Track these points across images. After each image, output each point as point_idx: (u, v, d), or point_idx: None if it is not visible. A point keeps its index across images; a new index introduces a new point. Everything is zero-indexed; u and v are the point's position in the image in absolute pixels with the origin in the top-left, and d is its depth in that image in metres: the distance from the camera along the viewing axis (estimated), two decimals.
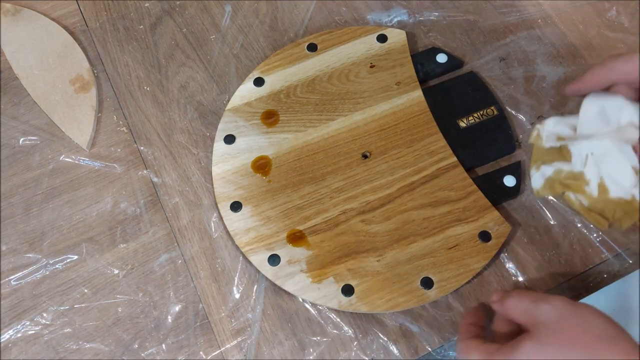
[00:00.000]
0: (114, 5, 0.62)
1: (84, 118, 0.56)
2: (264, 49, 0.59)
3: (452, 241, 0.49)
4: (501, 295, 0.42)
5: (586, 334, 0.36)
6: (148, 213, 0.52)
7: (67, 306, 0.49)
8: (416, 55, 0.57)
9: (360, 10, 0.61)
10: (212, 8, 0.62)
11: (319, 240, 0.49)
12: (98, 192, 0.53)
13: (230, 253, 0.50)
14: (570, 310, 0.37)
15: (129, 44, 0.60)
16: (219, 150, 0.53)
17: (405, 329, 0.47)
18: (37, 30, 0.60)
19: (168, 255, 0.51)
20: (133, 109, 0.57)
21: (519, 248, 0.50)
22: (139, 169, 0.54)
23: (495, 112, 0.54)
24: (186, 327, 0.48)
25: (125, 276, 0.50)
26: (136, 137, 0.55)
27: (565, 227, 0.50)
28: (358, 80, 0.56)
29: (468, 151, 0.53)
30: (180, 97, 0.57)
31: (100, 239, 0.51)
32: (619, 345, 0.35)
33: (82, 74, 0.58)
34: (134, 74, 0.58)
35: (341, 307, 0.47)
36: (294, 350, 0.47)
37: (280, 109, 0.55)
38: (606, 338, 0.36)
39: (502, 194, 0.51)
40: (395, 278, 0.48)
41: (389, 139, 0.53)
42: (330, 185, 0.51)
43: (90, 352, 0.47)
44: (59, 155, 0.55)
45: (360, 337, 0.47)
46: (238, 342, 0.47)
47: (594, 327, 0.36)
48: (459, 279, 0.47)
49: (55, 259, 0.50)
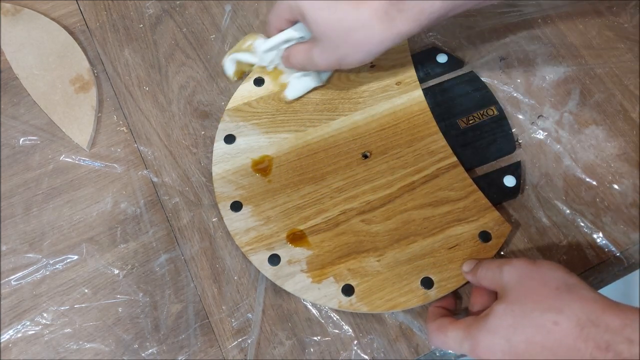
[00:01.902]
0: (114, 5, 0.62)
1: (84, 118, 0.56)
2: None
3: (453, 241, 0.49)
4: (472, 266, 0.45)
5: (546, 287, 0.38)
6: (148, 213, 0.52)
7: (67, 306, 0.49)
8: (416, 55, 0.57)
9: None
10: (212, 8, 0.62)
11: (319, 240, 0.49)
12: (98, 192, 0.53)
13: (230, 253, 0.50)
14: (529, 268, 0.40)
15: (129, 44, 0.60)
16: (219, 150, 0.53)
17: (405, 328, 0.47)
18: (37, 30, 0.60)
19: (168, 255, 0.51)
20: (133, 109, 0.57)
21: (519, 248, 0.50)
22: (139, 169, 0.54)
23: (495, 112, 0.54)
24: (186, 327, 0.48)
25: (126, 276, 0.50)
26: (136, 137, 0.56)
27: (565, 227, 0.50)
28: (358, 80, 0.56)
29: (468, 151, 0.53)
30: (180, 97, 0.57)
31: (101, 239, 0.51)
32: (577, 293, 0.37)
33: (82, 74, 0.58)
34: (134, 74, 0.58)
35: (341, 307, 0.47)
36: (294, 350, 0.47)
37: (280, 110, 0.55)
38: (564, 288, 0.38)
39: (502, 194, 0.51)
40: (395, 278, 0.48)
41: (389, 138, 0.53)
42: (331, 185, 0.51)
43: (91, 352, 0.47)
44: (59, 155, 0.55)
45: (361, 337, 0.47)
46: (238, 342, 0.47)
47: (553, 279, 0.39)
48: (459, 279, 0.47)
49: (56, 259, 0.50)
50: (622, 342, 0.34)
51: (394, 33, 0.45)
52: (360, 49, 0.46)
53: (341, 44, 0.46)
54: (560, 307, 0.37)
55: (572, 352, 0.36)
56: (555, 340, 0.36)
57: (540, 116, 0.55)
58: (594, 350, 0.35)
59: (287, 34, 0.51)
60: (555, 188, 0.52)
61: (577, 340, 0.36)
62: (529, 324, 0.37)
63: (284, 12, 0.49)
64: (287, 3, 0.48)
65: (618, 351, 0.34)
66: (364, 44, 0.46)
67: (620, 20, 0.59)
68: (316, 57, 0.48)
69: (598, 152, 0.53)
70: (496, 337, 0.38)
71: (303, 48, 0.50)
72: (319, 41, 0.47)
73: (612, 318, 0.35)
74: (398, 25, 0.44)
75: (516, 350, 0.37)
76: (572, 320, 0.36)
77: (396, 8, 0.44)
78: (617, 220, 0.50)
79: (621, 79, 0.56)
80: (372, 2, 0.44)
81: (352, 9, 0.44)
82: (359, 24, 0.45)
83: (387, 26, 0.44)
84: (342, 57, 0.47)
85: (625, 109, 0.55)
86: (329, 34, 0.46)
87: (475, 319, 0.40)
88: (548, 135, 0.54)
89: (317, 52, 0.48)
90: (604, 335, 0.35)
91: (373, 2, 0.44)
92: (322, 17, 0.46)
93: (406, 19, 0.44)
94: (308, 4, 0.46)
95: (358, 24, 0.45)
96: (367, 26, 0.45)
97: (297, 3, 0.46)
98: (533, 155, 0.53)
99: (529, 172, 0.52)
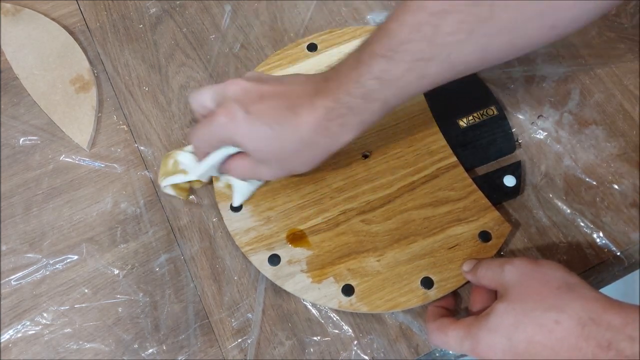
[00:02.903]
0: (114, 5, 0.62)
1: (84, 118, 0.56)
2: (264, 48, 0.59)
3: (452, 241, 0.49)
4: (472, 266, 0.45)
5: (547, 287, 0.38)
6: (148, 213, 0.52)
7: (67, 306, 0.49)
8: None
9: (360, 10, 0.61)
10: (212, 8, 0.62)
11: (319, 240, 0.49)
12: (98, 192, 0.53)
13: (230, 253, 0.50)
14: (531, 267, 0.40)
15: (129, 44, 0.60)
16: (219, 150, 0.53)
17: (405, 328, 0.47)
18: (37, 30, 0.60)
19: (168, 255, 0.51)
20: (133, 108, 0.57)
21: (518, 248, 0.50)
22: (139, 169, 0.54)
23: (495, 112, 0.54)
24: (186, 327, 0.48)
25: (126, 276, 0.50)
26: (136, 137, 0.56)
27: (565, 227, 0.50)
28: None
29: (468, 151, 0.53)
30: (180, 97, 0.57)
31: (101, 239, 0.51)
32: (578, 292, 0.38)
33: (82, 74, 0.58)
34: (134, 74, 0.58)
35: (341, 307, 0.47)
36: (294, 350, 0.47)
37: None
38: (565, 288, 0.38)
39: (502, 194, 0.51)
40: (395, 278, 0.48)
41: (389, 138, 0.53)
42: (331, 185, 0.51)
43: (91, 352, 0.47)
44: (59, 155, 0.55)
45: (361, 337, 0.47)
46: (238, 342, 0.47)
47: (554, 279, 0.39)
48: (459, 279, 0.47)
49: (56, 259, 0.50)
50: (623, 340, 0.34)
51: (340, 142, 0.43)
52: (309, 163, 0.45)
53: (288, 163, 0.45)
54: (561, 306, 0.37)
55: (573, 351, 0.36)
56: (556, 339, 0.36)
57: (540, 116, 0.55)
58: (596, 349, 0.35)
59: (222, 153, 0.46)
60: (555, 188, 0.52)
61: (578, 339, 0.36)
62: (530, 323, 0.37)
63: (214, 140, 0.45)
64: (215, 133, 0.44)
65: (620, 349, 0.34)
66: (311, 158, 0.44)
67: (620, 20, 0.59)
68: (263, 173, 0.46)
69: (598, 152, 0.53)
70: (497, 336, 0.38)
71: (246, 164, 0.46)
72: (264, 162, 0.45)
73: (613, 316, 0.35)
74: (343, 137, 0.43)
75: (517, 349, 0.37)
76: (573, 319, 0.36)
77: (336, 123, 0.42)
78: (617, 220, 0.50)
79: (621, 79, 0.56)
80: (308, 118, 0.42)
81: (292, 133, 0.42)
82: (303, 145, 0.43)
83: (331, 139, 0.43)
84: (290, 170, 0.47)
85: (625, 109, 0.55)
86: (273, 159, 0.45)
87: (476, 318, 0.40)
88: (548, 135, 0.54)
89: (264, 169, 0.46)
90: (606, 333, 0.35)
91: (309, 118, 0.41)
92: (262, 147, 0.43)
93: (349, 130, 0.42)
94: (244, 137, 0.43)
95: (301, 145, 0.43)
96: (312, 144, 0.43)
97: (230, 135, 0.43)
98: (533, 155, 0.53)
99: (529, 172, 0.52)
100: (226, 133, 0.44)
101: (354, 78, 0.41)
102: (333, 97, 0.41)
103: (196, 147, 0.48)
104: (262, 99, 0.43)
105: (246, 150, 0.44)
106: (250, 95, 0.43)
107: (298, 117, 0.42)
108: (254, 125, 0.42)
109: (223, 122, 0.43)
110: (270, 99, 0.43)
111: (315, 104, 0.42)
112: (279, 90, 0.44)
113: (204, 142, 0.46)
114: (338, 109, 0.41)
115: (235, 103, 0.43)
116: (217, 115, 0.43)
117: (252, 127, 0.42)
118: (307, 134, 0.42)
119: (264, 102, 0.43)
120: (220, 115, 0.43)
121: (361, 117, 0.42)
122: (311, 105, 0.42)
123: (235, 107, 0.43)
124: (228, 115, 0.43)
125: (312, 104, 0.42)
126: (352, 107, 0.41)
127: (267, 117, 0.42)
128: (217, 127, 0.44)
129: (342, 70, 0.42)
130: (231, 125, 0.43)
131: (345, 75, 0.41)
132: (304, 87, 0.44)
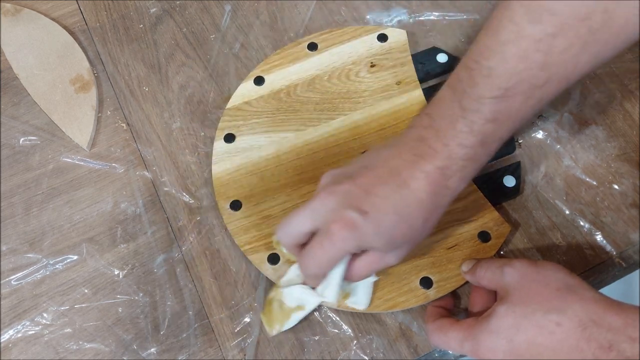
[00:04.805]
0: (114, 5, 0.62)
1: (84, 118, 0.56)
2: (264, 48, 0.59)
3: (452, 241, 0.49)
4: (471, 266, 0.45)
5: (547, 288, 0.38)
6: (148, 213, 0.52)
7: (67, 306, 0.49)
8: (416, 55, 0.57)
9: (360, 10, 0.61)
10: (212, 8, 0.62)
11: None
12: (98, 192, 0.53)
13: (230, 253, 0.50)
14: (531, 269, 0.40)
15: (129, 43, 0.60)
16: (219, 149, 0.53)
17: (405, 328, 0.47)
18: (37, 30, 0.60)
19: (168, 255, 0.51)
20: (133, 108, 0.57)
21: (518, 248, 0.50)
22: (139, 169, 0.54)
23: None
24: (186, 327, 0.48)
25: (126, 276, 0.50)
26: (136, 137, 0.56)
27: (565, 227, 0.50)
28: (358, 80, 0.56)
29: None
30: (180, 96, 0.57)
31: (101, 239, 0.51)
32: (579, 294, 0.38)
33: (82, 74, 0.58)
34: (134, 73, 0.58)
35: (341, 307, 0.47)
36: (293, 349, 0.47)
37: (280, 109, 0.55)
38: (566, 289, 0.38)
39: (502, 194, 0.51)
40: (394, 278, 0.48)
41: (390, 138, 0.53)
42: None
43: (91, 352, 0.47)
44: (59, 155, 0.55)
45: (360, 337, 0.47)
46: (238, 342, 0.47)
47: (554, 280, 0.39)
48: (458, 279, 0.47)
49: (56, 259, 0.50)
50: (624, 341, 0.34)
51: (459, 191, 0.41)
52: (434, 224, 0.42)
53: (418, 236, 0.42)
54: (562, 308, 0.37)
55: (574, 353, 0.36)
56: (557, 340, 0.36)
57: (540, 116, 0.55)
58: (597, 350, 0.35)
59: (342, 264, 0.43)
60: (555, 188, 0.52)
61: (579, 341, 0.36)
62: (531, 324, 0.37)
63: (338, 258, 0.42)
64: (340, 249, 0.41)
65: (621, 350, 0.34)
66: (436, 219, 0.42)
67: None
68: (391, 261, 0.43)
69: (598, 152, 0.53)
70: (498, 338, 0.38)
71: (372, 260, 0.43)
72: (393, 249, 0.42)
73: (614, 317, 0.35)
74: (462, 185, 0.41)
75: (518, 350, 0.37)
76: (574, 321, 0.36)
77: (456, 178, 0.40)
78: (617, 221, 0.50)
79: (621, 79, 0.56)
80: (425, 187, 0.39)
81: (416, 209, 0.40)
82: (428, 214, 0.40)
83: (453, 192, 0.41)
84: (418, 242, 0.43)
85: (625, 109, 0.55)
86: (404, 242, 0.42)
87: (477, 319, 0.40)
88: (548, 135, 0.54)
89: (392, 257, 0.42)
90: (607, 334, 0.35)
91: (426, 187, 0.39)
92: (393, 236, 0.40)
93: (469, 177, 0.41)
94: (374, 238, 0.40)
95: (427, 214, 0.40)
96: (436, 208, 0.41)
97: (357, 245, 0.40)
98: (533, 155, 0.53)
99: (529, 172, 0.52)
100: (352, 244, 0.40)
101: (464, 129, 0.39)
102: (444, 156, 0.39)
103: (315, 275, 0.44)
104: (366, 192, 0.40)
105: (377, 248, 0.41)
106: (352, 194, 0.40)
107: (414, 191, 0.39)
108: (378, 222, 0.39)
109: (345, 235, 0.39)
110: (374, 187, 0.40)
111: (425, 169, 0.39)
112: (375, 174, 0.40)
113: (326, 265, 0.42)
114: (453, 165, 0.39)
115: (346, 210, 0.39)
116: (335, 232, 0.39)
117: (377, 224, 0.39)
118: (429, 202, 0.40)
119: (371, 193, 0.40)
120: (340, 230, 0.39)
121: (480, 161, 0.40)
122: (422, 173, 0.39)
123: (349, 214, 0.39)
124: (347, 226, 0.39)
125: (422, 171, 0.39)
126: (470, 157, 0.39)
127: (385, 207, 0.39)
128: (340, 243, 0.40)
129: (442, 124, 0.40)
130: (356, 234, 0.39)
131: (450, 128, 0.39)
132: (399, 158, 0.40)
